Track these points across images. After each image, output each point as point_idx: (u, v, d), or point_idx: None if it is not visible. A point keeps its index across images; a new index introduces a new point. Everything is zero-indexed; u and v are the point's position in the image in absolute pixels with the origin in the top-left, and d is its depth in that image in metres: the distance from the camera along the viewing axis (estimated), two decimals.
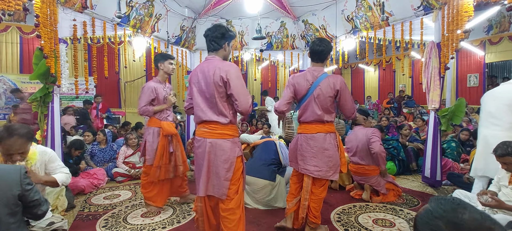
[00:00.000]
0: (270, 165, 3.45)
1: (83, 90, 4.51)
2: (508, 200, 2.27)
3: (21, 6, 2.93)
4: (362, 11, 5.22)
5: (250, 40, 6.81)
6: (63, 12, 3.69)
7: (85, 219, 3.08)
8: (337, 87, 2.42)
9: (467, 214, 0.71)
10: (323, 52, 2.49)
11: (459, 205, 0.74)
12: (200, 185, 2.03)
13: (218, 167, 1.98)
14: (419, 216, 0.79)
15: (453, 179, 3.91)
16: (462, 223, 0.70)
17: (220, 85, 1.92)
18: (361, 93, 13.38)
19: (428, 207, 0.78)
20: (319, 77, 2.44)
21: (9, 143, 1.82)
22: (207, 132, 2.01)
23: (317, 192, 2.52)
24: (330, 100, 2.43)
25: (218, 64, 1.95)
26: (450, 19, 3.63)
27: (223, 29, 2.05)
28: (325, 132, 2.46)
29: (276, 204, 3.26)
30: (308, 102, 2.47)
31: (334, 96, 2.45)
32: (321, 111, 2.43)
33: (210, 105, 1.99)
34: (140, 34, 5.23)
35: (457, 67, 8.90)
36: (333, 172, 2.47)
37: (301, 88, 2.49)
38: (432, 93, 3.96)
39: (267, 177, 3.28)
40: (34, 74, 3.46)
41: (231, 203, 2.01)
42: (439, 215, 0.73)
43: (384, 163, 3.45)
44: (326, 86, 2.41)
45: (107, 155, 4.84)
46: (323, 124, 2.46)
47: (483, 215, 0.72)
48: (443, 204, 0.75)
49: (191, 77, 2.11)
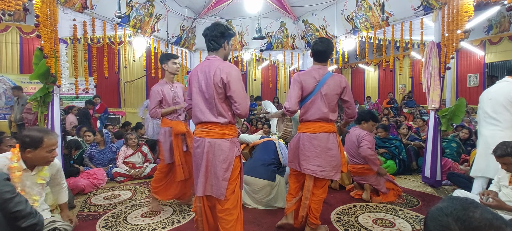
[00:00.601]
0: (270, 165, 3.44)
1: (83, 90, 4.52)
2: (509, 200, 2.27)
3: (21, 6, 2.93)
4: (362, 11, 5.22)
5: (250, 40, 6.82)
6: (63, 12, 3.69)
7: (85, 219, 3.08)
8: (344, 85, 2.45)
9: (478, 213, 0.71)
10: (325, 52, 2.48)
11: (471, 204, 0.75)
12: (199, 185, 2.02)
13: (216, 167, 1.97)
14: (430, 213, 0.79)
15: (453, 179, 3.90)
16: (471, 221, 0.70)
17: (220, 87, 1.90)
18: (361, 93, 13.37)
19: (440, 205, 0.79)
20: (325, 75, 2.45)
21: (52, 136, 2.00)
22: (206, 131, 2.00)
23: (318, 193, 2.53)
24: (336, 98, 2.45)
25: (219, 65, 1.92)
26: (450, 19, 3.63)
27: (222, 27, 2.01)
28: (328, 131, 2.46)
29: (276, 204, 3.26)
30: (313, 100, 2.44)
31: (340, 94, 2.46)
32: (327, 109, 2.43)
33: (209, 106, 1.97)
34: (140, 34, 5.23)
35: (457, 67, 8.90)
36: (335, 171, 2.48)
37: (308, 85, 2.45)
38: (432, 93, 3.96)
39: (267, 177, 3.28)
40: (34, 74, 3.46)
41: (227, 203, 1.99)
42: (449, 212, 0.74)
43: (375, 165, 3.42)
44: (334, 84, 2.43)
45: (106, 157, 4.80)
46: (327, 123, 2.46)
47: (494, 215, 0.72)
48: (455, 203, 0.76)
49: (191, 77, 2.09)
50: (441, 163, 4.04)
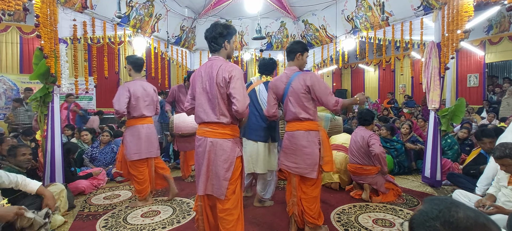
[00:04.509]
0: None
1: (83, 90, 4.52)
2: (508, 200, 2.27)
3: (21, 6, 2.93)
4: (362, 11, 5.22)
5: (250, 40, 6.82)
6: (63, 12, 3.69)
7: (85, 219, 3.08)
8: (307, 83, 2.42)
9: (461, 212, 0.72)
10: (292, 50, 2.59)
11: (452, 204, 0.75)
12: (200, 183, 2.05)
13: (217, 167, 1.99)
14: (415, 218, 0.79)
15: (453, 179, 3.90)
16: (458, 222, 0.71)
17: (222, 86, 1.93)
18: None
19: (422, 208, 0.79)
20: (291, 77, 2.51)
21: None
22: (208, 131, 2.02)
23: (308, 191, 2.52)
24: (303, 97, 2.45)
25: (221, 65, 1.96)
26: (450, 19, 3.63)
27: (220, 28, 2.02)
28: (304, 129, 2.48)
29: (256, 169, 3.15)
30: (286, 102, 2.55)
31: (307, 92, 2.44)
32: (295, 108, 2.48)
33: (212, 106, 1.99)
34: (140, 34, 5.24)
35: (457, 67, 8.90)
36: (310, 169, 2.45)
37: (278, 90, 2.59)
38: (432, 93, 3.96)
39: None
40: (34, 74, 3.46)
41: (228, 204, 2.00)
42: (435, 215, 0.74)
43: (385, 164, 3.45)
44: (297, 84, 2.46)
45: (108, 157, 4.80)
46: (301, 122, 2.49)
47: (476, 212, 0.73)
48: (437, 204, 0.76)
49: (194, 78, 2.11)
50: (441, 163, 4.04)
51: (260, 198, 3.34)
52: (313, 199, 2.52)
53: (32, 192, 2.44)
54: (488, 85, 8.56)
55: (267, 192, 3.31)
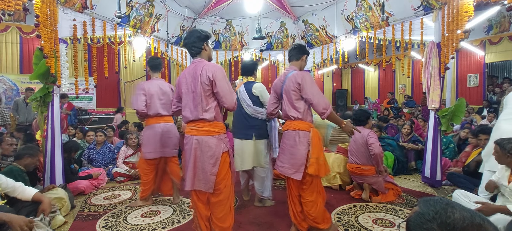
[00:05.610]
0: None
1: (83, 90, 4.51)
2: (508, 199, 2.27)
3: (21, 6, 2.93)
4: (362, 11, 5.22)
5: (250, 40, 6.82)
6: (63, 12, 3.69)
7: (85, 219, 3.08)
8: (299, 81, 2.40)
9: (458, 213, 0.72)
10: (292, 50, 2.66)
11: (448, 205, 0.75)
12: (187, 180, 2.16)
13: (204, 163, 2.10)
14: (411, 220, 0.79)
15: (453, 179, 3.90)
16: (454, 223, 0.71)
17: (206, 84, 2.06)
18: (361, 93, 13.38)
19: (418, 210, 0.78)
20: (287, 75, 2.54)
21: None
22: (194, 129, 2.13)
23: (304, 195, 2.47)
24: (294, 95, 2.45)
25: (204, 66, 2.10)
26: (450, 19, 3.63)
27: (197, 32, 2.19)
28: (293, 129, 2.47)
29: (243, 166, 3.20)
30: (282, 101, 2.60)
31: (297, 90, 2.43)
32: (287, 106, 2.52)
33: (195, 104, 2.11)
34: (140, 34, 5.23)
35: (457, 67, 8.91)
36: (295, 170, 2.41)
37: (277, 89, 2.65)
38: (432, 93, 3.96)
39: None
40: (34, 74, 3.46)
41: (221, 196, 2.14)
42: (431, 217, 0.74)
43: (382, 163, 3.45)
44: (289, 82, 2.48)
45: (106, 157, 4.80)
46: (291, 121, 2.50)
47: (472, 213, 0.73)
48: (433, 206, 0.76)
49: (180, 81, 2.23)
50: (441, 163, 4.04)
51: (260, 197, 3.34)
52: (311, 203, 2.46)
53: (28, 200, 2.46)
54: (488, 85, 8.56)
55: (264, 189, 3.30)
